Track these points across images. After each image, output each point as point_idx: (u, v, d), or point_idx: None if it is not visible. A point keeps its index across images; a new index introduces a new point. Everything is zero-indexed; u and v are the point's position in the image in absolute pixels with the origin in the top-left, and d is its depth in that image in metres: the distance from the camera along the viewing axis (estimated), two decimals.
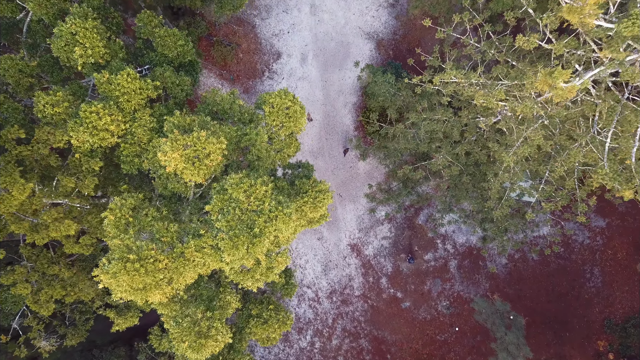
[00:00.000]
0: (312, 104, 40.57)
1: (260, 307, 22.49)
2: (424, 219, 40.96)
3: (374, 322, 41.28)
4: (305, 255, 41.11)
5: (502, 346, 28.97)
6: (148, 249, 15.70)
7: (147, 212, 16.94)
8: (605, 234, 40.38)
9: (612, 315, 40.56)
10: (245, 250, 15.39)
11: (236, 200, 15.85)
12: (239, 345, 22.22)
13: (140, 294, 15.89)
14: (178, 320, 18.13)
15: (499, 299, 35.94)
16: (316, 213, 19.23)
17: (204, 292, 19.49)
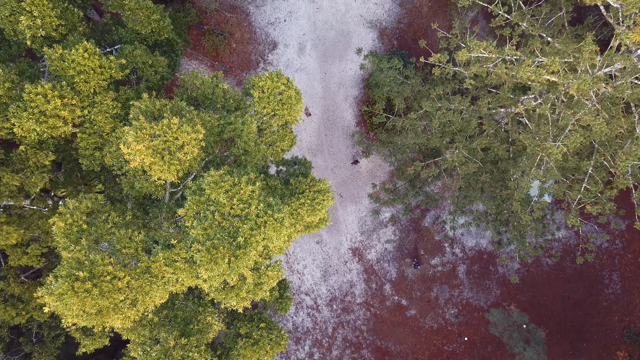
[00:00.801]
0: (311, 97, 37.57)
1: (249, 326, 19.42)
2: (430, 221, 37.99)
3: (377, 332, 38.28)
4: (303, 260, 38.11)
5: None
6: (104, 264, 12.72)
7: (107, 217, 13.96)
8: (625, 237, 37.43)
9: (632, 324, 37.61)
10: (226, 264, 12.41)
11: (216, 202, 12.87)
12: None
13: (95, 319, 12.90)
14: (146, 349, 15.09)
15: (517, 310, 33.02)
16: (314, 217, 16.31)
17: (179, 313, 16.47)
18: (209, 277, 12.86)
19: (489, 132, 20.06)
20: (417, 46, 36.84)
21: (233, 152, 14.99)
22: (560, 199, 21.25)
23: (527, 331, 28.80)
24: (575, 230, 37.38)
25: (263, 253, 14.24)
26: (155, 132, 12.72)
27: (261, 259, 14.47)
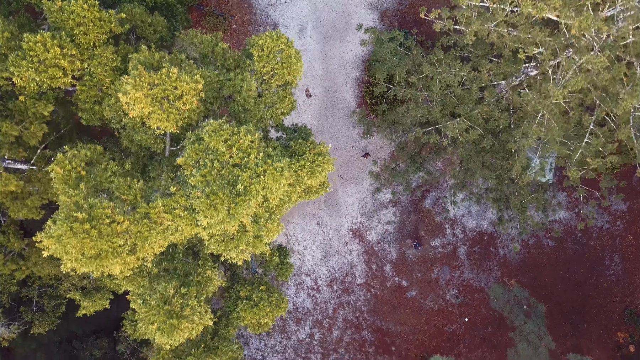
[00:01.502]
0: (311, 78, 37.50)
1: (250, 289, 19.39)
2: (431, 202, 37.95)
3: (377, 312, 38.30)
4: (303, 241, 38.12)
5: (521, 335, 26.09)
6: (102, 207, 12.70)
7: (106, 166, 13.94)
8: (626, 218, 37.33)
9: (633, 305, 37.53)
10: (225, 211, 12.37)
11: (215, 151, 12.85)
12: (224, 332, 19.12)
13: (94, 263, 12.84)
14: (146, 298, 15.07)
15: (517, 285, 32.95)
16: (315, 179, 16.23)
17: (179, 265, 16.43)
18: (208, 224, 12.82)
19: (490, 101, 19.97)
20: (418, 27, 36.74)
21: (232, 109, 14.93)
22: (562, 165, 21.17)
23: (528, 305, 28.77)
24: (576, 212, 37.31)
25: (263, 205, 14.19)
26: (154, 81, 12.69)
27: (261, 211, 14.41)
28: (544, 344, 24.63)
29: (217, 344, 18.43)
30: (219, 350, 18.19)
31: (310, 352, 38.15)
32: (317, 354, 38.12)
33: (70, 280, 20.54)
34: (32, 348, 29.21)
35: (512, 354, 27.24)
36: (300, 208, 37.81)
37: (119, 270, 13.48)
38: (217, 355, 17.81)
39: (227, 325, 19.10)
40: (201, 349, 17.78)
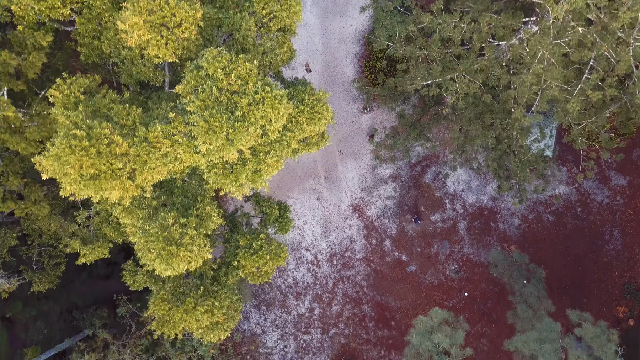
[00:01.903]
0: (311, 53, 37.46)
1: (249, 238, 19.40)
2: (431, 177, 37.90)
3: (377, 287, 38.30)
4: (303, 217, 38.10)
5: (520, 298, 26.08)
6: (101, 128, 12.67)
7: (105, 94, 13.91)
8: (626, 193, 37.28)
9: (632, 280, 37.50)
10: (224, 136, 12.34)
11: (213, 78, 12.83)
12: (224, 279, 19.15)
13: (93, 185, 12.80)
14: (145, 228, 15.04)
15: (517, 251, 32.86)
16: (314, 127, 16.19)
17: (178, 200, 16.40)
18: (207, 150, 12.76)
19: (490, 57, 19.92)
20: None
21: (230, 47, 14.91)
22: (561, 122, 21.07)
23: (527, 270, 28.76)
24: (576, 187, 37.28)
25: (262, 138, 14.11)
26: (152, 8, 12.66)
27: (260, 147, 14.34)
28: (544, 306, 24.63)
29: (217, 289, 18.40)
30: (218, 295, 18.16)
31: (310, 327, 38.17)
32: (317, 328, 38.15)
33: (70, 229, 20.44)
34: (32, 315, 29.23)
35: (512, 316, 27.19)
36: (300, 183, 37.80)
37: (117, 196, 13.41)
38: (216, 299, 17.79)
39: (226, 273, 19.08)
40: (200, 292, 17.75)
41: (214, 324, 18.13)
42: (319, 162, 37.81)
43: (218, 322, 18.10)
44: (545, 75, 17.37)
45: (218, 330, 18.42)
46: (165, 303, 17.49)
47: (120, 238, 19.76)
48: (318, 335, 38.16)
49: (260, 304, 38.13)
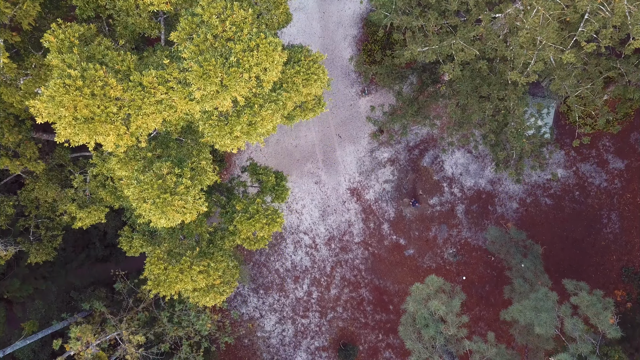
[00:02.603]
0: (309, 37, 37.44)
1: (246, 203, 19.33)
2: (429, 160, 37.87)
3: (375, 271, 38.25)
4: (302, 200, 38.04)
5: (517, 273, 25.98)
6: (95, 69, 12.62)
7: (100, 41, 13.87)
8: (624, 176, 37.26)
9: (630, 263, 37.46)
10: (218, 82, 12.31)
11: (208, 25, 12.82)
12: (220, 243, 19.07)
13: (87, 129, 12.75)
14: (139, 177, 14.96)
15: (514, 227, 32.82)
16: (310, 88, 16.17)
17: (173, 152, 16.35)
18: (201, 97, 12.71)
19: (487, 25, 19.91)
20: None
21: None
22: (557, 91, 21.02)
23: (525, 247, 28.70)
24: (574, 170, 37.26)
25: (257, 91, 14.00)
26: None
27: (254, 98, 14.24)
28: (541, 282, 24.57)
29: (213, 251, 18.31)
30: (214, 257, 18.08)
31: (308, 310, 38.10)
32: (315, 312, 38.08)
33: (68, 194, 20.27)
34: (30, 294, 29.16)
35: (509, 290, 27.11)
36: (298, 167, 37.75)
37: (112, 143, 13.37)
38: (212, 260, 17.71)
39: (222, 237, 19.00)
40: (196, 252, 17.69)
41: (210, 287, 18.06)
42: (317, 145, 37.79)
43: (214, 284, 18.04)
44: (541, 33, 17.34)
45: (214, 294, 18.33)
46: (161, 262, 17.42)
47: (117, 202, 19.66)
48: (316, 319, 38.10)
49: (259, 288, 38.07)
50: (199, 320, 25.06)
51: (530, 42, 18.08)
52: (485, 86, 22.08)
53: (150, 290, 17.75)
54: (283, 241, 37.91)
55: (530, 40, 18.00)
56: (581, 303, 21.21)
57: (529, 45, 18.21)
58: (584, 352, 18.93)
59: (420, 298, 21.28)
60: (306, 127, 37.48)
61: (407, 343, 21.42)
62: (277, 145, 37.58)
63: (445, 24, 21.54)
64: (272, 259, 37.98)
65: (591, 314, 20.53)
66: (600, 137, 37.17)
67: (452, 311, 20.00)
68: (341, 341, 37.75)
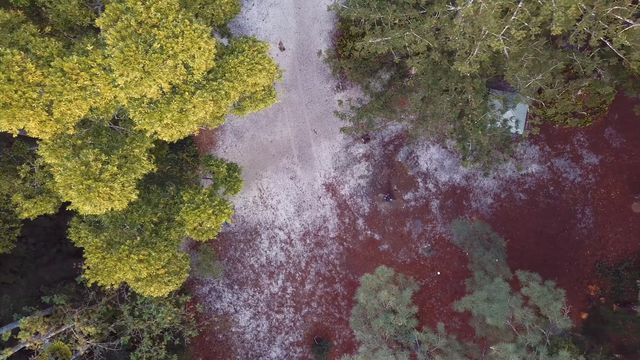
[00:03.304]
0: (285, 32, 37.40)
1: (192, 193, 19.27)
2: (404, 156, 37.83)
3: (349, 266, 38.22)
4: (277, 196, 38.01)
5: (478, 266, 25.95)
6: (12, 53, 12.57)
7: (25, 27, 13.82)
8: (598, 172, 37.26)
9: (604, 258, 37.46)
10: (140, 68, 12.30)
11: (133, 11, 12.79)
12: (166, 233, 19.01)
13: (6, 115, 12.70)
14: (66, 164, 14.90)
15: (478, 221, 32.75)
16: (255, 78, 16.10)
17: (104, 140, 16.28)
18: (125, 83, 12.68)
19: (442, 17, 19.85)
20: None
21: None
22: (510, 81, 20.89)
23: (488, 240, 28.63)
24: (548, 165, 37.23)
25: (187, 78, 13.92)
26: None
27: (185, 85, 14.15)
28: (502, 274, 24.52)
29: (155, 241, 18.24)
30: (155, 246, 18.01)
31: (282, 306, 38.06)
32: (290, 307, 38.04)
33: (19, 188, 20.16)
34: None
35: (470, 283, 27.07)
36: (273, 162, 37.72)
37: (36, 128, 13.29)
38: (154, 250, 17.63)
39: (168, 228, 18.94)
40: (137, 241, 17.63)
41: (153, 277, 18.01)
42: (293, 141, 37.75)
43: (157, 274, 17.98)
44: (479, 21, 17.30)
45: (158, 284, 18.26)
46: (99, 251, 17.36)
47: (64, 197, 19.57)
48: (291, 315, 38.07)
49: (233, 283, 38.03)
50: (159, 313, 25.02)
51: (477, 32, 18.06)
52: (444, 78, 22.05)
53: (89, 279, 17.72)
54: (258, 237, 37.88)
55: (476, 31, 17.98)
56: (532, 294, 21.14)
57: (477, 35, 18.18)
58: (533, 342, 18.89)
59: (370, 289, 21.23)
60: (282, 123, 37.44)
61: (357, 334, 21.40)
62: (253, 141, 37.55)
63: (404, 16, 21.51)
64: (247, 255, 37.95)
65: (542, 304, 20.47)
66: (575, 132, 37.17)
67: (402, 302, 19.93)
68: (315, 336, 37.75)
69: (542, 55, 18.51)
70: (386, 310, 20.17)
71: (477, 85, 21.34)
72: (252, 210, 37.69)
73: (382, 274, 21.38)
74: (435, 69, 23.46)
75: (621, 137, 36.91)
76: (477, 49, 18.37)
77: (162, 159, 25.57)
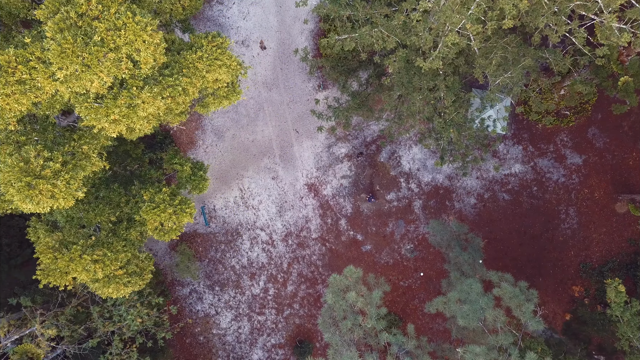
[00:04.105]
0: (266, 31, 36.99)
1: (152, 192, 18.78)
2: (386, 156, 37.41)
3: (332, 267, 37.73)
4: (258, 196, 37.54)
5: (455, 267, 25.50)
6: None
7: None
8: (581, 172, 36.91)
9: (588, 259, 37.09)
10: (80, 61, 11.87)
11: (73, 2, 12.35)
12: (125, 233, 18.49)
13: None
14: (7, 161, 14.44)
15: (455, 220, 32.31)
16: (215, 74, 15.66)
17: (50, 137, 15.78)
18: (64, 77, 12.23)
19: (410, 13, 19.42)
20: None
21: None
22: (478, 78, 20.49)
23: (466, 240, 28.22)
24: (532, 165, 36.88)
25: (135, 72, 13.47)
26: None
27: (133, 80, 13.67)
28: (479, 275, 24.11)
29: (112, 241, 17.72)
30: (112, 246, 17.50)
31: (264, 307, 37.58)
32: (272, 309, 37.56)
33: None
34: None
35: (446, 284, 26.64)
36: (255, 162, 37.28)
37: None
38: (110, 250, 17.12)
39: (128, 227, 18.41)
40: (91, 241, 17.11)
41: (110, 277, 17.52)
42: (274, 140, 37.32)
43: (115, 275, 17.49)
44: (439, 15, 16.89)
45: (116, 285, 17.76)
46: (51, 251, 16.87)
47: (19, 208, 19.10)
48: (272, 316, 37.59)
49: (214, 285, 37.53)
50: (129, 315, 24.52)
51: (442, 27, 17.68)
52: (417, 77, 21.66)
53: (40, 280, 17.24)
54: (239, 237, 37.41)
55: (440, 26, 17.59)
56: (504, 294, 20.71)
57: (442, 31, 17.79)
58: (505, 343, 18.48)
59: (338, 289, 20.78)
60: (263, 122, 37.01)
61: (326, 335, 20.96)
62: (234, 140, 37.10)
63: (375, 12, 21.11)
64: (228, 256, 37.47)
65: (514, 305, 20.03)
66: (558, 132, 36.84)
67: (371, 303, 19.49)
68: (297, 338, 37.26)
69: (511, 52, 18.17)
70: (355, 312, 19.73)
71: (450, 83, 20.96)
72: (233, 210, 37.23)
73: (350, 274, 20.92)
74: (408, 67, 23.07)
75: (604, 137, 36.59)
76: (441, 44, 18.00)
77: (137, 158, 25.14)
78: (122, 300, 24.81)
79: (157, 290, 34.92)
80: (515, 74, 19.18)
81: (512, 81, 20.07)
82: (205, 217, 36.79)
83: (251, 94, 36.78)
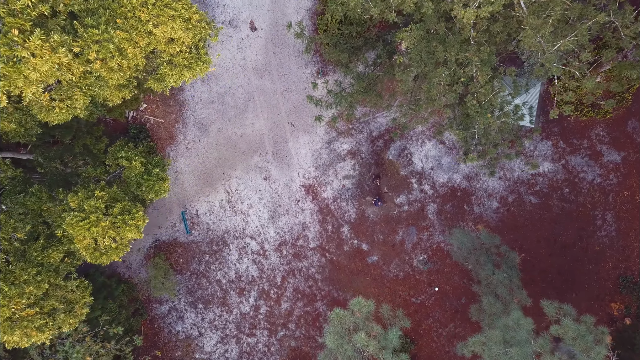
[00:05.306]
0: (257, 9, 32.03)
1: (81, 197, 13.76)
2: (395, 153, 32.45)
3: (333, 281, 32.77)
4: (248, 199, 32.56)
5: (487, 289, 20.65)
6: None
7: None
8: (620, 171, 31.95)
9: (628, 272, 32.11)
10: None
11: None
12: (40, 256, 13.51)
13: None
14: None
15: (484, 230, 27.36)
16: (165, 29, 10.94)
17: None
18: None
19: None
20: None
21: None
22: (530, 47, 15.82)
23: (498, 254, 23.34)
24: (562, 163, 31.93)
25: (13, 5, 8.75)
26: None
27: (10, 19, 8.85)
28: (517, 299, 19.28)
29: (15, 269, 12.70)
30: (14, 275, 12.57)
31: (255, 328, 32.59)
32: (263, 329, 32.58)
33: None
34: None
35: (476, 311, 21.68)
36: (244, 160, 32.32)
37: None
38: (6, 283, 12.16)
39: (45, 248, 13.38)
40: None
41: (14, 321, 12.49)
42: (266, 135, 32.36)
43: (22, 317, 12.47)
44: None
45: (24, 330, 12.72)
46: None
47: None
48: (264, 338, 32.60)
49: (197, 302, 32.54)
50: (74, 354, 19.54)
51: None
52: (440, 47, 16.79)
53: None
54: (226, 247, 32.43)
55: None
56: (565, 334, 15.77)
57: None
58: None
59: (342, 329, 15.82)
60: (253, 114, 32.05)
61: None
62: (219, 135, 32.14)
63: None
64: (213, 268, 32.49)
65: (579, 348, 15.13)
66: (593, 125, 31.87)
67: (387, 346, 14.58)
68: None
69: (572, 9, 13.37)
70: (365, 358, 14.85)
71: (485, 55, 16.13)
72: (218, 216, 32.26)
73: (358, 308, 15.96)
74: (429, 38, 18.13)
75: None
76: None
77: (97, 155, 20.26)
78: (68, 333, 19.78)
79: (131, 309, 29.96)
80: (580, 37, 14.31)
81: (576, 46, 15.22)
82: (186, 223, 31.82)
83: (240, 81, 31.86)
